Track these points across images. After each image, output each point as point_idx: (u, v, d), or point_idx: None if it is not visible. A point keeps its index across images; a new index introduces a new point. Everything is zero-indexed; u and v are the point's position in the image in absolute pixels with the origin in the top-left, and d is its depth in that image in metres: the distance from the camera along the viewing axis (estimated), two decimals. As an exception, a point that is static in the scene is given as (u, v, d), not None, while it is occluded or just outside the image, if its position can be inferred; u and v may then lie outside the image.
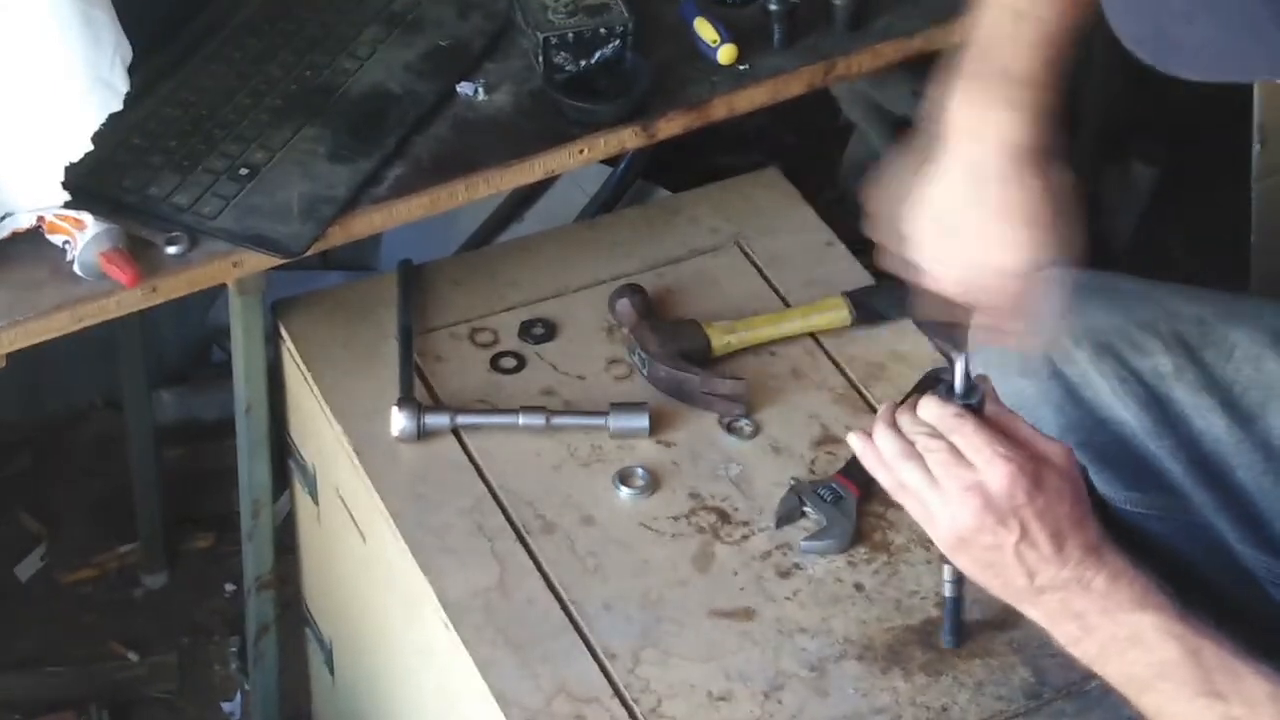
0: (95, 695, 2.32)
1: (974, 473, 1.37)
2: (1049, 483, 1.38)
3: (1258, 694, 1.30)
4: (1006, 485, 1.36)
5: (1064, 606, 1.37)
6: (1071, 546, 1.37)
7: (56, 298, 1.61)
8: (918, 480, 1.39)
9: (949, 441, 1.38)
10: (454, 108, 1.81)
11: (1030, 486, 1.36)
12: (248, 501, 1.97)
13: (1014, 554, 1.37)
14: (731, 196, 2.02)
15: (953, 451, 1.38)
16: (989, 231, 1.43)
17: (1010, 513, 1.36)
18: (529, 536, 1.67)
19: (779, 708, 1.55)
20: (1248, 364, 1.60)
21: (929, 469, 1.38)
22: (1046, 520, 1.36)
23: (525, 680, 1.56)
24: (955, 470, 1.37)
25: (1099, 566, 1.37)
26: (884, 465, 1.42)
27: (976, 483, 1.36)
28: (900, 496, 1.42)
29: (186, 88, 1.79)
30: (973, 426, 1.38)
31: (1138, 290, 1.67)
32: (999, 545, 1.37)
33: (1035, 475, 1.37)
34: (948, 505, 1.38)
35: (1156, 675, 1.34)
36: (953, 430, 1.38)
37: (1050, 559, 1.37)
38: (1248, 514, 1.62)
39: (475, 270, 1.93)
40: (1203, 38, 1.08)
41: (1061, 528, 1.37)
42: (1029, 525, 1.36)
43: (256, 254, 1.66)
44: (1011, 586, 1.39)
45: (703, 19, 1.88)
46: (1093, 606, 1.36)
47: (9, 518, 2.51)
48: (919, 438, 1.40)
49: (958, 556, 1.41)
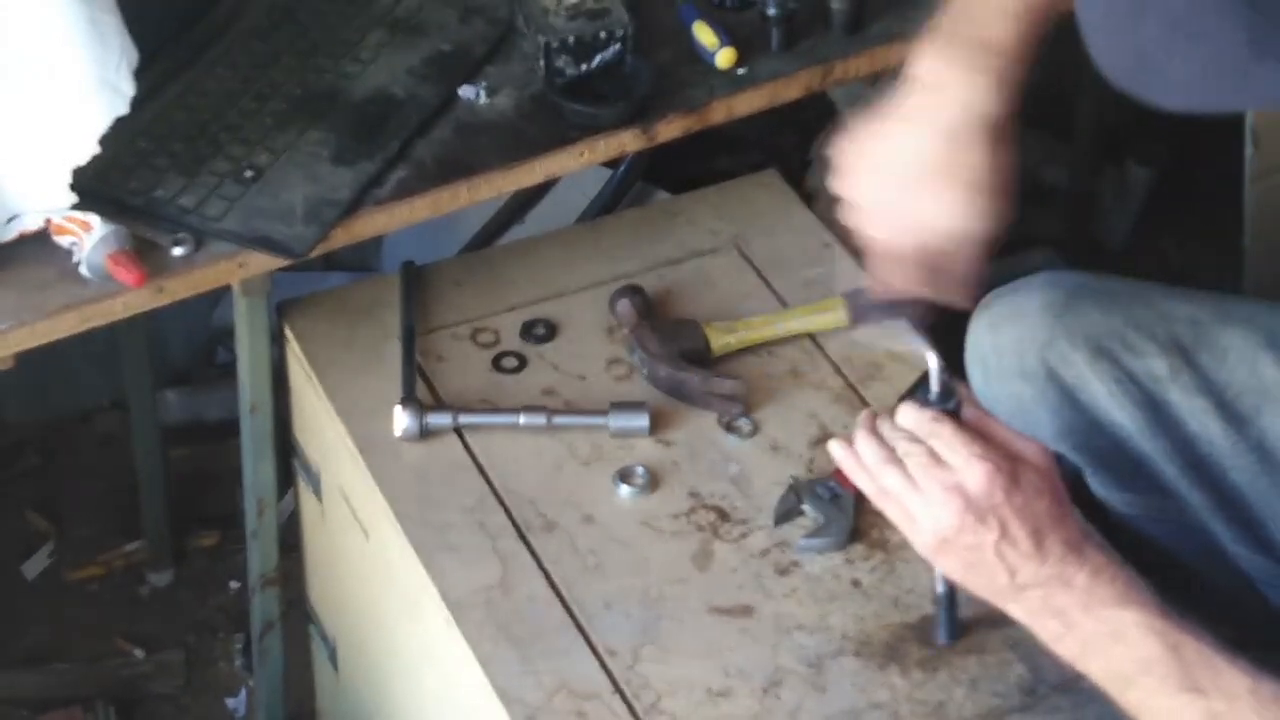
0: (101, 692, 2.33)
1: (953, 474, 1.38)
2: (1026, 480, 1.39)
3: (1237, 688, 1.31)
4: (985, 484, 1.37)
5: (1045, 604, 1.38)
6: (1051, 543, 1.38)
7: (63, 299, 1.61)
8: (899, 485, 1.40)
9: (928, 445, 1.40)
10: (456, 111, 1.82)
11: (1008, 484, 1.37)
12: (252, 500, 1.97)
13: (995, 552, 1.38)
14: (730, 198, 2.02)
15: (932, 455, 1.39)
16: (931, 188, 1.43)
17: (989, 511, 1.37)
18: (530, 535, 1.68)
19: (777, 703, 1.55)
20: (1242, 366, 1.61)
21: (909, 474, 1.40)
22: (1025, 518, 1.37)
23: (526, 677, 1.56)
24: (934, 472, 1.38)
25: (1080, 563, 1.38)
26: (865, 471, 1.43)
27: (956, 483, 1.37)
28: (882, 503, 1.43)
29: (192, 91, 1.79)
30: (950, 429, 1.40)
31: (1133, 292, 1.67)
32: (980, 545, 1.38)
33: (1012, 473, 1.38)
34: (929, 507, 1.39)
35: (1138, 671, 1.34)
36: (930, 434, 1.40)
37: (1030, 556, 1.37)
38: (1242, 516, 1.63)
39: (477, 271, 1.94)
40: (1183, 70, 1.08)
41: (1041, 525, 1.38)
42: (1008, 523, 1.37)
43: (261, 255, 1.67)
44: (994, 585, 1.40)
45: (702, 23, 1.89)
46: (1074, 603, 1.37)
47: (16, 516, 2.51)
48: (899, 443, 1.41)
49: (940, 558, 1.42)
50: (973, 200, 1.42)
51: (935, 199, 1.43)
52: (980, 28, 1.43)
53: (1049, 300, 1.65)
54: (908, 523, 1.41)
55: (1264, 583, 1.65)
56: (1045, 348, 1.64)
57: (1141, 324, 1.63)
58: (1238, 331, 1.62)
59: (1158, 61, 1.09)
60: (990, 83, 1.41)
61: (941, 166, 1.42)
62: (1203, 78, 1.08)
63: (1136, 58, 1.10)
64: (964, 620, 1.60)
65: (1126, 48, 1.10)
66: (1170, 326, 1.63)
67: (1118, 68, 1.11)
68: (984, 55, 1.42)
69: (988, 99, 1.42)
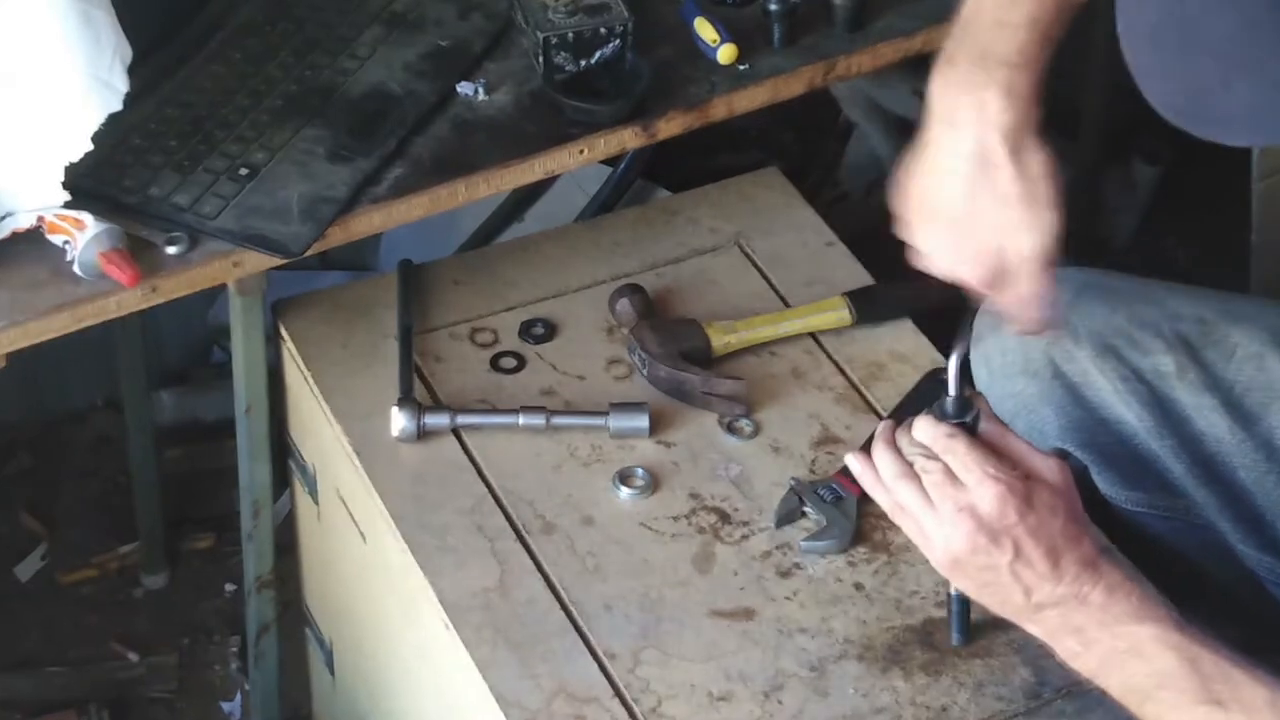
0: (95, 695, 2.33)
1: (966, 494, 1.37)
2: (1040, 500, 1.38)
3: (1256, 700, 1.31)
4: (997, 506, 1.37)
5: (1063, 622, 1.38)
6: (1067, 562, 1.37)
7: (56, 298, 1.61)
8: (914, 502, 1.40)
9: (944, 462, 1.39)
10: (454, 108, 1.81)
11: (1021, 505, 1.37)
12: (248, 501, 1.97)
13: (1009, 573, 1.37)
14: (731, 196, 2.02)
15: (947, 472, 1.38)
16: (999, 217, 1.42)
17: (1003, 532, 1.37)
18: (529, 536, 1.67)
19: (779, 708, 1.55)
20: (1249, 364, 1.61)
21: (925, 490, 1.39)
22: (1040, 538, 1.37)
23: (525, 680, 1.56)
24: (948, 491, 1.38)
25: (1095, 580, 1.37)
26: (882, 486, 1.42)
27: (968, 504, 1.37)
28: (898, 518, 1.43)
29: (187, 88, 1.79)
30: (965, 446, 1.39)
31: (1139, 290, 1.67)
32: (994, 565, 1.38)
33: (1026, 494, 1.38)
34: (942, 527, 1.38)
35: (1156, 685, 1.34)
36: (946, 450, 1.39)
37: (1046, 576, 1.37)
38: (1249, 514, 1.63)
39: (475, 270, 1.94)
40: (1242, 104, 1.07)
41: (1056, 544, 1.37)
42: (1022, 544, 1.37)
43: (257, 254, 1.67)
44: (1010, 605, 1.40)
45: (703, 19, 1.88)
46: (1091, 620, 1.37)
47: (9, 518, 2.51)
48: (916, 458, 1.41)
49: (955, 577, 1.43)
50: (1043, 214, 1.41)
51: (1013, 226, 1.42)
52: (982, 45, 1.42)
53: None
54: (923, 540, 1.41)
55: (1271, 581, 1.65)
56: (1050, 345, 1.64)
57: (1148, 321, 1.64)
58: (1244, 329, 1.62)
59: (1213, 97, 1.08)
60: (998, 96, 1.40)
61: (981, 193, 1.41)
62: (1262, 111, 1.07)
63: (1191, 96, 1.09)
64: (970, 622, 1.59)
65: (1179, 87, 1.09)
66: (1176, 324, 1.63)
67: (1173, 108, 1.10)
68: (985, 71, 1.41)
69: (999, 114, 1.40)
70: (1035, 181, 1.41)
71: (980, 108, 1.41)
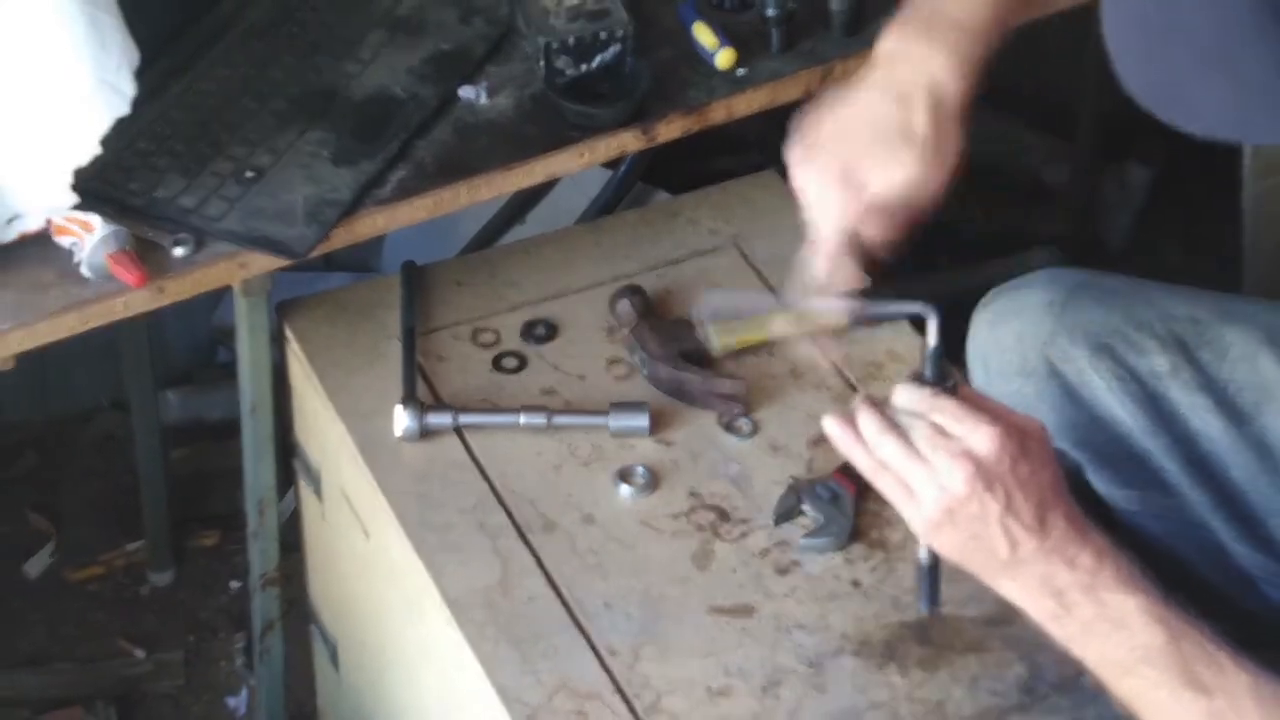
0: (102, 691, 2.34)
1: (959, 441, 1.34)
2: (1032, 449, 1.35)
3: (1239, 686, 1.29)
4: (996, 448, 1.33)
5: (1043, 582, 1.35)
6: (1054, 518, 1.34)
7: (64, 299, 1.62)
8: (898, 457, 1.36)
9: (930, 419, 1.36)
10: (456, 111, 1.82)
11: (1016, 451, 1.34)
12: (253, 500, 1.98)
13: (999, 523, 1.34)
14: (730, 199, 2.02)
15: (935, 428, 1.35)
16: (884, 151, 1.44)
17: (997, 478, 1.33)
18: (530, 534, 1.68)
19: (777, 703, 1.55)
20: (1243, 364, 1.61)
21: (911, 445, 1.36)
22: (1030, 489, 1.34)
23: (526, 676, 1.56)
24: (940, 441, 1.34)
25: (1083, 543, 1.35)
26: (862, 445, 1.38)
27: (964, 449, 1.33)
28: (879, 478, 1.38)
29: (193, 91, 1.80)
30: (952, 403, 1.36)
31: (1134, 290, 1.67)
32: (984, 515, 1.33)
33: (1021, 441, 1.35)
34: (936, 477, 1.34)
35: (1138, 660, 1.32)
36: (932, 409, 1.36)
37: (1033, 530, 1.34)
38: (1243, 513, 1.63)
39: (477, 271, 1.94)
40: (1214, 98, 1.08)
41: (1045, 497, 1.34)
42: (1013, 494, 1.33)
43: (262, 256, 1.67)
44: (992, 560, 1.36)
45: (701, 24, 1.89)
46: (1075, 583, 1.34)
47: (17, 516, 2.52)
48: (899, 418, 1.37)
49: (940, 533, 1.37)
50: (916, 160, 1.43)
51: (882, 157, 1.43)
52: (944, 5, 1.45)
53: (1050, 297, 1.65)
54: (906, 498, 1.37)
55: (1264, 580, 1.65)
56: (1046, 344, 1.64)
57: (1142, 321, 1.63)
58: (1238, 329, 1.62)
59: (1188, 90, 1.09)
60: (946, 54, 1.43)
61: (891, 126, 1.43)
62: (1233, 107, 1.08)
63: (1166, 86, 1.10)
64: (960, 617, 1.59)
65: (1156, 76, 1.10)
66: (1171, 324, 1.63)
67: (1147, 95, 1.11)
68: (942, 30, 1.43)
69: (943, 68, 1.43)
70: (941, 137, 1.43)
71: (921, 60, 1.43)
